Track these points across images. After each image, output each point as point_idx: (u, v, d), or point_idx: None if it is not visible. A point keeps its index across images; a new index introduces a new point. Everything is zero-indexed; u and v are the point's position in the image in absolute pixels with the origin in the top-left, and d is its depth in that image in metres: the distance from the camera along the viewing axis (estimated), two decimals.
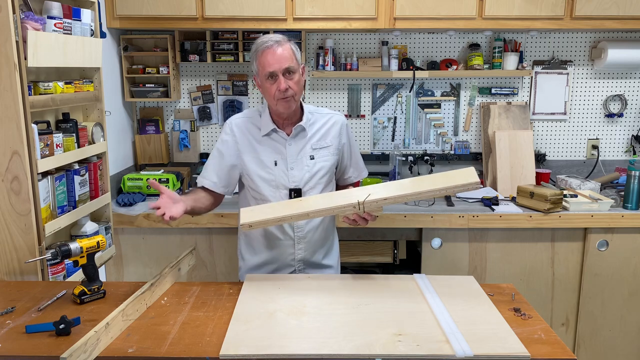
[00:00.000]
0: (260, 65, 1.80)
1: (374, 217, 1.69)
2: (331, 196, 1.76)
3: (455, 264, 2.64)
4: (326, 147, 1.93)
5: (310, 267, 1.98)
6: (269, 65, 1.77)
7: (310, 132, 1.91)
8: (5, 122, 1.71)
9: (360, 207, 1.63)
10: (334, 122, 1.96)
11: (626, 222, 2.58)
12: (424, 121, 3.22)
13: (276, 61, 1.76)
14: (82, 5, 2.11)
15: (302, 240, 1.93)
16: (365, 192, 1.66)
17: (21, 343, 1.33)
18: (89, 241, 1.60)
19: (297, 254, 1.94)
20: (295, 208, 1.68)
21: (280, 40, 1.80)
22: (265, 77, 1.79)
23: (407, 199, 1.64)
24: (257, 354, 1.28)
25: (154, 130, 3.13)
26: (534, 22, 2.78)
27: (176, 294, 1.64)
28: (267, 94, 1.83)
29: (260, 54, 1.79)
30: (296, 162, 1.89)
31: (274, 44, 1.78)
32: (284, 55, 1.77)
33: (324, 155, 1.93)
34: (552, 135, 3.24)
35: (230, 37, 2.97)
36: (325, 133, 1.94)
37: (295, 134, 1.90)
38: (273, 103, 1.83)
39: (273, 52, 1.76)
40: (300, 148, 1.90)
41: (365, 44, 3.14)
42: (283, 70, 1.77)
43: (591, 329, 2.72)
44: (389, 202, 1.64)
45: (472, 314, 1.48)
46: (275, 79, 1.78)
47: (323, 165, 1.92)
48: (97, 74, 2.22)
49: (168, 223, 1.66)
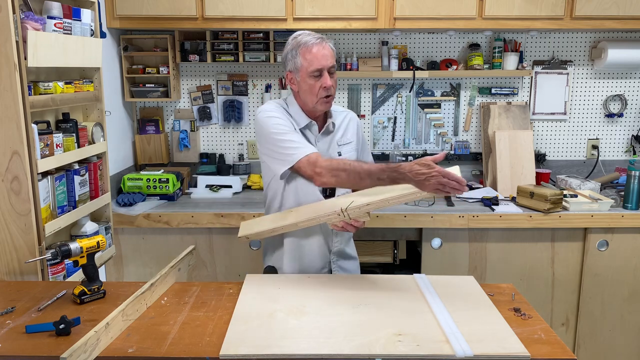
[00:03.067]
0: (306, 61, 1.78)
1: (361, 223, 1.69)
2: (317, 205, 1.79)
3: (455, 264, 2.64)
4: (349, 143, 1.98)
5: (343, 258, 2.02)
6: (318, 61, 1.77)
7: (334, 129, 1.95)
8: (5, 122, 1.71)
9: (345, 214, 1.65)
10: (350, 119, 2.02)
11: (626, 222, 2.58)
12: (424, 121, 3.22)
13: (324, 58, 1.78)
14: (82, 5, 2.11)
15: (339, 232, 1.94)
16: (349, 199, 1.69)
17: (21, 343, 1.33)
18: (89, 241, 1.60)
19: (334, 246, 1.97)
20: (285, 220, 1.76)
21: (322, 37, 1.82)
22: (310, 73, 1.79)
23: (390, 203, 1.62)
24: (257, 354, 1.28)
25: (154, 130, 3.13)
26: (534, 22, 2.78)
27: (176, 294, 1.64)
28: (310, 91, 1.81)
29: (308, 49, 1.78)
30: (327, 157, 1.89)
31: (320, 40, 1.79)
32: (330, 53, 1.81)
33: (348, 151, 1.97)
34: (552, 135, 3.24)
35: (230, 37, 2.98)
36: (345, 129, 1.99)
37: (324, 131, 1.93)
38: (314, 101, 1.83)
39: (320, 49, 1.78)
40: (328, 144, 1.93)
41: (365, 44, 3.14)
42: (329, 68, 1.79)
43: (591, 329, 2.72)
44: (372, 207, 1.64)
45: (472, 314, 1.48)
46: (320, 77, 1.78)
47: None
48: (97, 74, 2.22)
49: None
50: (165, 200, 2.80)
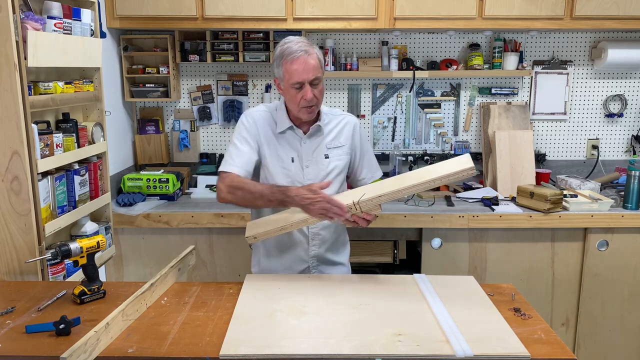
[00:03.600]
0: (287, 73, 1.78)
1: (374, 216, 1.69)
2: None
3: (455, 264, 2.64)
4: (340, 146, 1.96)
5: (324, 263, 2.00)
6: (298, 75, 1.76)
7: (325, 132, 1.94)
8: (5, 122, 1.71)
9: (357, 207, 1.64)
10: (347, 123, 1.99)
11: (626, 222, 2.58)
12: (424, 121, 3.22)
13: (305, 72, 1.76)
14: (82, 5, 2.11)
15: (316, 236, 1.95)
16: (360, 192, 1.68)
17: (21, 343, 1.33)
18: (89, 241, 1.60)
19: (311, 250, 1.96)
20: (293, 217, 1.73)
21: (308, 49, 1.78)
22: (291, 85, 1.79)
23: (403, 193, 1.63)
24: (257, 354, 1.28)
25: (154, 130, 3.13)
26: (534, 22, 2.78)
27: (176, 294, 1.64)
28: (292, 101, 1.82)
29: (290, 62, 1.77)
30: (311, 160, 1.91)
31: (303, 53, 1.76)
32: (313, 64, 1.77)
33: (338, 155, 1.95)
34: (552, 135, 3.24)
35: (230, 37, 2.97)
36: (338, 133, 1.97)
37: (311, 133, 1.92)
38: (296, 110, 1.84)
39: (303, 62, 1.76)
40: (315, 147, 1.93)
41: (365, 44, 3.14)
42: (310, 81, 1.77)
43: (591, 329, 2.71)
44: (384, 199, 1.64)
45: (472, 314, 1.48)
46: (302, 88, 1.78)
47: (337, 165, 1.94)
48: (97, 74, 2.22)
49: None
50: (165, 200, 2.80)
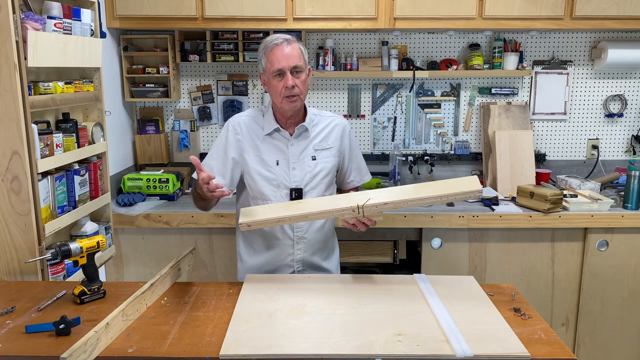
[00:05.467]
0: (268, 62, 1.81)
1: (373, 222, 1.68)
2: (331, 199, 1.76)
3: (455, 264, 2.64)
4: (328, 148, 1.94)
5: (310, 268, 1.98)
6: (278, 62, 1.78)
7: (312, 133, 1.93)
8: (5, 122, 1.71)
9: (360, 211, 1.62)
10: (336, 125, 1.98)
11: (626, 222, 2.58)
12: (424, 121, 3.22)
13: (285, 58, 1.78)
14: (82, 5, 2.11)
15: (301, 240, 1.93)
16: (365, 196, 1.66)
17: (21, 343, 1.33)
18: (89, 241, 1.60)
19: (296, 254, 1.94)
20: (294, 209, 1.68)
21: (289, 39, 1.82)
22: (273, 74, 1.80)
23: (408, 204, 1.62)
24: (257, 354, 1.28)
25: (154, 130, 3.13)
26: (534, 22, 2.78)
27: (176, 294, 1.64)
28: (274, 91, 1.83)
29: (270, 50, 1.80)
30: (298, 162, 1.90)
31: (283, 41, 1.80)
32: (292, 53, 1.79)
33: (325, 157, 1.94)
34: (552, 135, 3.24)
35: (230, 37, 2.97)
36: (327, 135, 1.95)
37: (298, 134, 1.91)
38: (278, 101, 1.84)
39: (282, 50, 1.78)
40: (302, 148, 1.91)
41: (365, 44, 3.14)
42: (291, 68, 1.79)
43: (591, 329, 2.71)
44: (390, 207, 1.63)
45: (472, 314, 1.48)
46: (283, 77, 1.79)
47: (324, 167, 1.93)
48: (97, 74, 2.22)
49: (222, 194, 1.62)
50: (165, 200, 2.80)
